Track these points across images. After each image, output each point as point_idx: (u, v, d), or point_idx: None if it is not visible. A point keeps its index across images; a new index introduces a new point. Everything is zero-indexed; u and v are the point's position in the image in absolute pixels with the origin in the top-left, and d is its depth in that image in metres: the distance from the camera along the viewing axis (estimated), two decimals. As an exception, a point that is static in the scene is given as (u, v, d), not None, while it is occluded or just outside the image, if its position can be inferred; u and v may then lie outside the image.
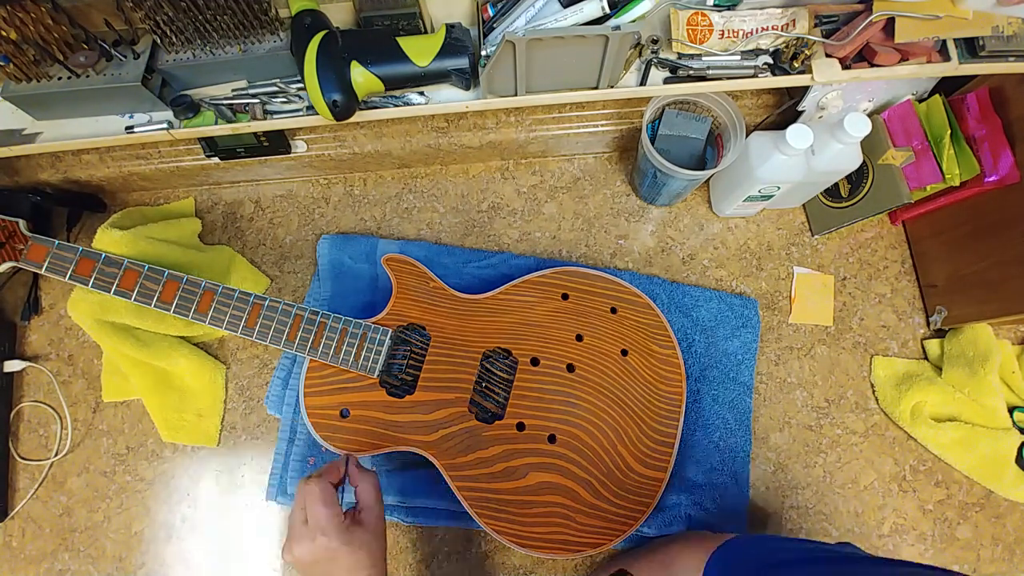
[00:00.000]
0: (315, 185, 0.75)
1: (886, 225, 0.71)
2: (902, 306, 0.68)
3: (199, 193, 0.76)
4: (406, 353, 0.58)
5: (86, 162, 0.69)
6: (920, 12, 0.50)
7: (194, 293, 0.56)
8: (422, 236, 0.72)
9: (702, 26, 0.54)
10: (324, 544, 0.43)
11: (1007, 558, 0.60)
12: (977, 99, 0.58)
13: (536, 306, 0.61)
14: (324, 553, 0.43)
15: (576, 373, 0.58)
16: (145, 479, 0.66)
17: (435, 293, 0.61)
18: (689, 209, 0.72)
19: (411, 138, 0.68)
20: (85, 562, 0.63)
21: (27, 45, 0.52)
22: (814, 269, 0.70)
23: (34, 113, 0.60)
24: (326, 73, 0.51)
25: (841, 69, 0.55)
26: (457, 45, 0.53)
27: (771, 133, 0.59)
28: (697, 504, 0.60)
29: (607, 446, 0.56)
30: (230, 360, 0.69)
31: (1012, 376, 0.63)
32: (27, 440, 0.67)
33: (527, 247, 0.72)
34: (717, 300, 0.67)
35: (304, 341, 0.56)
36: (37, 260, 0.56)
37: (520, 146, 0.71)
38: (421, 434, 0.56)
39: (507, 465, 0.55)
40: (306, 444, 0.63)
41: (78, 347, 0.70)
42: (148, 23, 0.52)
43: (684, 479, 0.61)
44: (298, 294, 0.71)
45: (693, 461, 0.62)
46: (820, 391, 0.66)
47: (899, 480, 0.63)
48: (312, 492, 0.44)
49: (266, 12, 0.54)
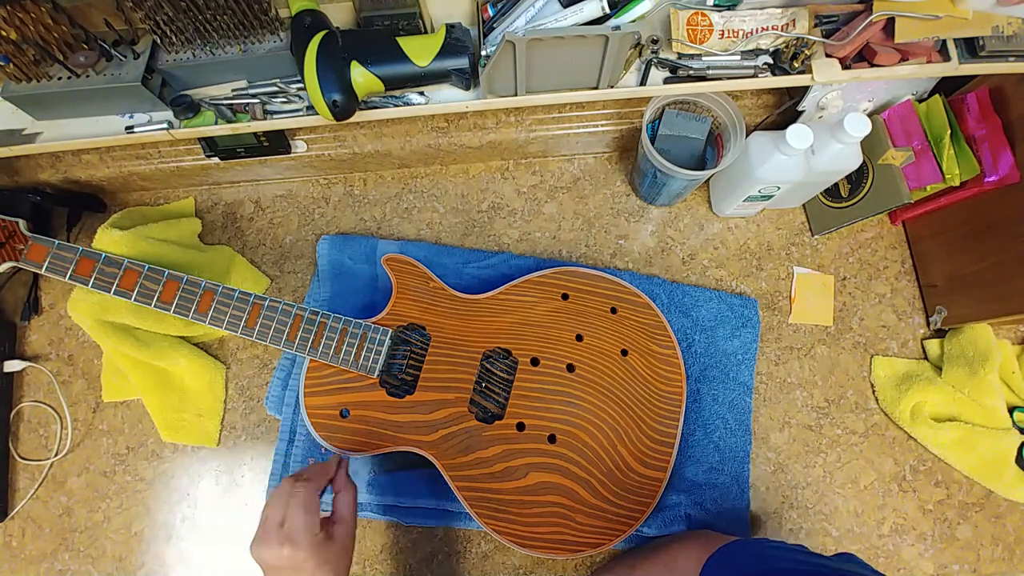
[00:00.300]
0: (315, 185, 0.75)
1: (886, 225, 0.71)
2: (902, 306, 0.68)
3: (199, 193, 0.76)
4: (406, 353, 0.58)
5: (86, 162, 0.69)
6: (920, 12, 0.50)
7: (194, 293, 0.56)
8: (422, 236, 0.72)
9: (702, 26, 0.54)
10: (290, 554, 0.42)
11: (1007, 558, 0.60)
12: (977, 99, 0.58)
13: (536, 306, 0.61)
14: (290, 562, 0.42)
15: (576, 373, 0.58)
16: (145, 479, 0.66)
17: (435, 293, 0.61)
18: (689, 209, 0.72)
19: (411, 138, 0.68)
20: (85, 562, 0.63)
21: (27, 45, 0.52)
22: (814, 269, 0.70)
23: (34, 113, 0.60)
24: (326, 73, 0.51)
25: (841, 69, 0.55)
26: (457, 45, 0.53)
27: (771, 133, 0.59)
28: (697, 504, 0.60)
29: (607, 446, 0.56)
30: (230, 360, 0.69)
31: (1012, 376, 0.63)
32: (27, 440, 0.67)
33: (527, 247, 0.72)
34: (717, 300, 0.67)
35: (304, 341, 0.56)
36: (37, 260, 0.56)
37: (520, 146, 0.71)
38: (421, 434, 0.56)
39: (507, 465, 0.55)
40: (306, 445, 0.63)
41: (78, 347, 0.70)
42: (148, 23, 0.52)
43: (684, 479, 0.61)
44: (298, 294, 0.71)
45: (693, 461, 0.62)
46: (820, 391, 0.66)
47: (899, 480, 0.63)
48: (297, 495, 0.44)
49: (266, 12, 0.54)
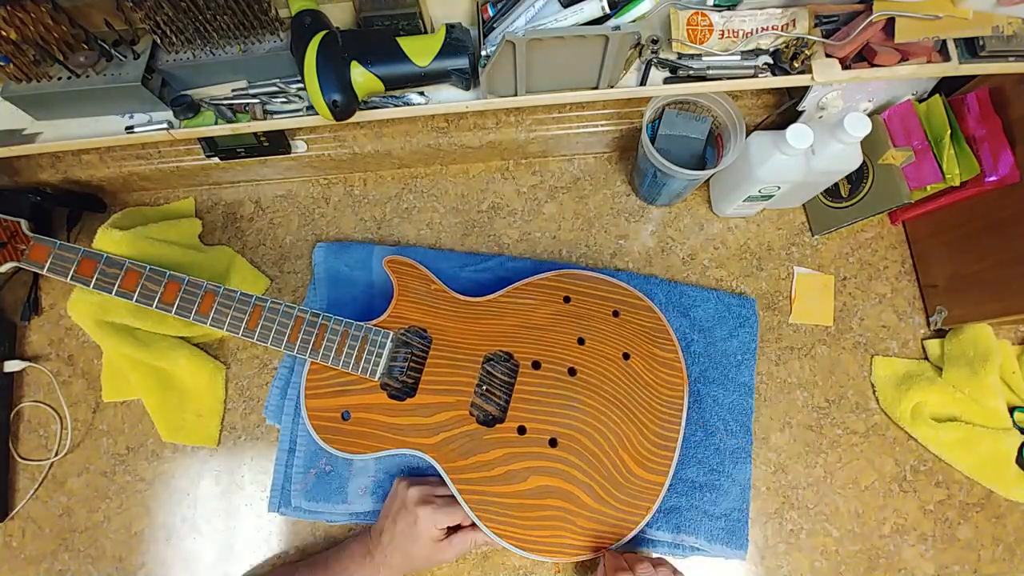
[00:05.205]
0: (315, 185, 0.75)
1: (886, 225, 0.71)
2: (902, 306, 0.68)
3: (199, 193, 0.76)
4: (407, 356, 0.58)
5: (86, 162, 0.69)
6: (920, 12, 0.50)
7: (196, 295, 0.56)
8: (422, 236, 0.72)
9: (702, 26, 0.54)
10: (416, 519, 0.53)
11: (1007, 558, 0.60)
12: (977, 99, 0.58)
13: (538, 309, 0.61)
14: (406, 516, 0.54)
15: (578, 377, 0.58)
16: (145, 479, 0.66)
17: (437, 296, 0.61)
18: (689, 209, 0.72)
19: (411, 138, 0.68)
20: (85, 562, 0.63)
21: (27, 45, 0.52)
22: (814, 269, 0.70)
23: (34, 113, 0.59)
24: (326, 73, 0.51)
25: (841, 69, 0.55)
26: (457, 45, 0.53)
27: (771, 133, 0.59)
28: (697, 506, 0.60)
29: (608, 450, 0.56)
30: (230, 360, 0.69)
31: (1012, 376, 0.63)
32: (27, 440, 0.67)
33: (527, 247, 0.72)
34: (715, 300, 0.67)
35: (305, 343, 0.56)
36: (39, 260, 0.56)
37: (520, 146, 0.71)
38: (422, 437, 0.56)
39: (508, 469, 0.55)
40: (307, 454, 0.62)
41: (78, 347, 0.70)
42: (148, 23, 0.52)
43: (684, 480, 0.61)
44: (298, 294, 0.71)
45: (694, 462, 0.62)
46: (820, 391, 0.66)
47: (900, 480, 0.63)
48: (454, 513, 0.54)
49: (266, 12, 0.54)
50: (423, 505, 0.54)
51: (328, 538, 0.62)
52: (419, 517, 0.53)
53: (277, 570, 0.60)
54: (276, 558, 0.62)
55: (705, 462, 0.62)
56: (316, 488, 0.61)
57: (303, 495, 0.61)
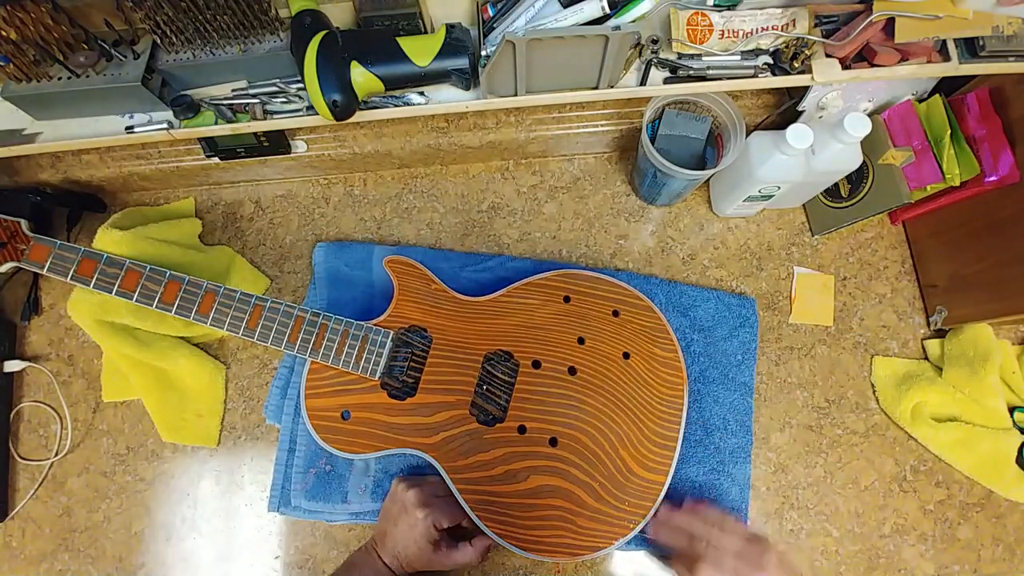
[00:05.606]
0: (315, 185, 0.75)
1: (886, 225, 0.71)
2: (902, 306, 0.68)
3: (199, 193, 0.76)
4: (407, 355, 0.58)
5: (86, 162, 0.69)
6: (920, 12, 0.50)
7: (196, 294, 0.56)
8: (422, 236, 0.72)
9: (702, 26, 0.54)
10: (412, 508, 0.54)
11: (1007, 558, 0.60)
12: (977, 99, 0.58)
13: (538, 309, 0.61)
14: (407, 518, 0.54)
15: (578, 376, 0.58)
16: (145, 479, 0.66)
17: (437, 295, 0.61)
18: (689, 209, 0.72)
19: (411, 138, 0.68)
20: (85, 562, 0.63)
21: (27, 45, 0.52)
22: (814, 269, 0.70)
23: (34, 113, 0.59)
24: (326, 73, 0.51)
25: (841, 69, 0.55)
26: (457, 45, 0.53)
27: (771, 133, 0.59)
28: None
29: (608, 449, 0.56)
30: (230, 360, 0.69)
31: (1012, 376, 0.63)
32: (27, 440, 0.67)
33: (527, 247, 0.72)
34: (715, 300, 0.67)
35: (305, 343, 0.56)
36: (39, 260, 0.56)
37: (520, 146, 0.71)
38: (422, 436, 0.56)
39: (508, 468, 0.55)
40: (307, 454, 0.62)
41: (78, 347, 0.70)
42: (148, 23, 0.52)
43: (684, 480, 0.61)
44: (298, 294, 0.71)
45: (694, 462, 0.62)
46: (820, 391, 0.66)
47: (900, 480, 0.63)
48: (450, 511, 0.55)
49: (266, 12, 0.54)
50: (423, 507, 0.54)
51: (328, 538, 0.62)
52: (419, 519, 0.53)
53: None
54: (276, 558, 0.63)
55: (705, 462, 0.62)
56: (316, 488, 0.61)
57: (303, 495, 0.61)
